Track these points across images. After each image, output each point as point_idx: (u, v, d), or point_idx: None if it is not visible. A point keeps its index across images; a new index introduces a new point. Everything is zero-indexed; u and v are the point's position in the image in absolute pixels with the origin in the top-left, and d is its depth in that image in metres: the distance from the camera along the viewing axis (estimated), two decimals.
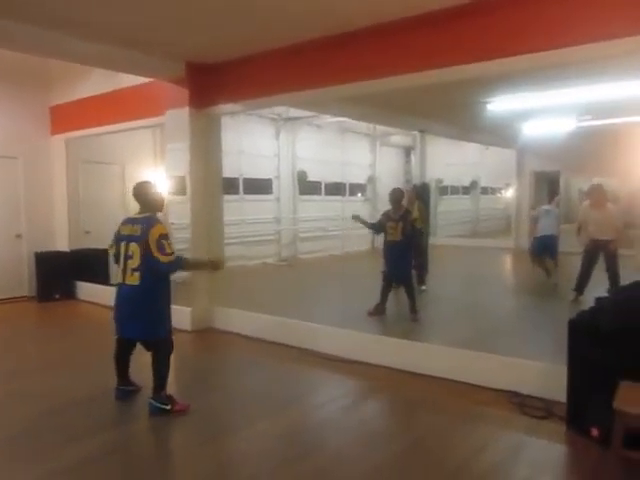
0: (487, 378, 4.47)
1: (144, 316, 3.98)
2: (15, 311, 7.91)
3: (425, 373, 4.78)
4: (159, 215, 4.19)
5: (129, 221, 4.07)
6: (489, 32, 4.32)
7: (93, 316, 7.74)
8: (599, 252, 7.04)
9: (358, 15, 4.77)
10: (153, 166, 9.90)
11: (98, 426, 3.85)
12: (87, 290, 8.57)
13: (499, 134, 12.56)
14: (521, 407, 4.05)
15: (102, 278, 8.69)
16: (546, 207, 9.04)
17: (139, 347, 4.20)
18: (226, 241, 7.20)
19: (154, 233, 3.86)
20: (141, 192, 4.12)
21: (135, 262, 3.91)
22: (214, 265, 4.51)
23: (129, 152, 9.58)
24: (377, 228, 7.04)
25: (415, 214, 7.96)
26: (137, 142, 9.53)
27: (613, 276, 6.93)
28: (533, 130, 10.59)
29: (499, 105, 8.10)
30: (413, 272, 8.04)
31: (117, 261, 4.10)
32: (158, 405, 3.99)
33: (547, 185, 14.06)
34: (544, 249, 8.66)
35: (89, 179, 9.13)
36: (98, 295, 8.32)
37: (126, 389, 4.28)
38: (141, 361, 4.27)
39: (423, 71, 4.67)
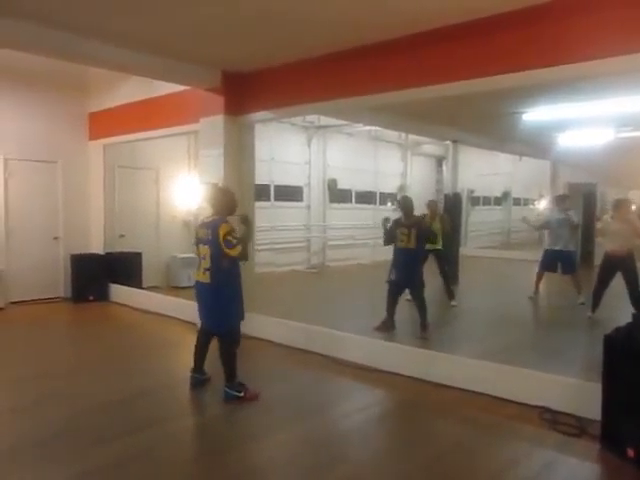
0: (516, 392, 4.39)
1: (213, 310, 4.45)
2: (50, 312, 8.11)
3: (453, 385, 4.72)
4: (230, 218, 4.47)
5: (203, 225, 4.49)
6: (527, 42, 4.28)
7: (126, 318, 7.89)
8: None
9: (392, 26, 4.79)
10: (187, 172, 10.07)
11: (125, 429, 3.90)
12: (120, 292, 8.74)
13: (533, 145, 12.37)
14: (553, 424, 3.96)
15: (135, 281, 8.89)
16: (558, 215, 8.30)
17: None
18: (256, 247, 7.26)
19: (220, 233, 4.24)
20: (212, 196, 4.52)
21: (207, 263, 4.35)
22: (247, 222, 4.59)
23: (164, 158, 9.77)
24: (387, 238, 6.56)
25: (436, 225, 7.89)
26: (171, 148, 9.71)
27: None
28: (569, 141, 10.41)
29: (535, 116, 7.99)
30: (440, 286, 7.98)
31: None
32: (232, 392, 4.36)
33: (582, 196, 13.74)
34: (553, 266, 8.26)
35: (124, 184, 9.34)
36: (131, 298, 8.50)
37: (200, 377, 4.68)
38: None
39: (458, 81, 4.65)
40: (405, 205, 6.55)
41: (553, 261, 8.26)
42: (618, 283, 6.94)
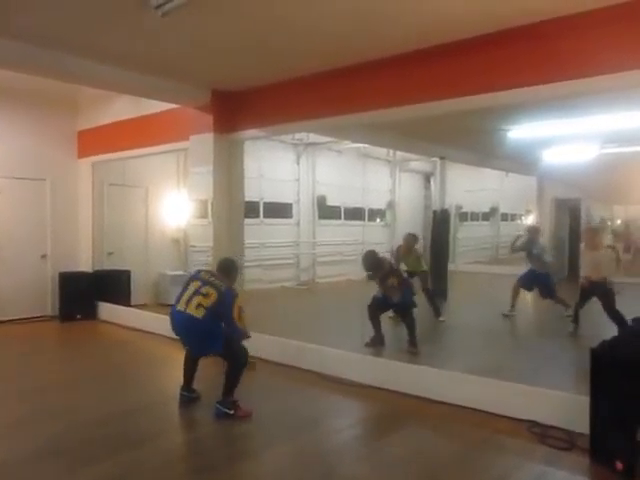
0: (506, 407, 4.41)
1: (208, 338, 4.41)
2: (38, 330, 8.02)
3: (443, 400, 4.73)
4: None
5: (212, 274, 4.63)
6: (512, 62, 4.39)
7: (114, 336, 7.83)
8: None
9: (379, 47, 4.89)
10: (176, 189, 10.08)
11: (117, 446, 3.88)
12: (108, 311, 8.67)
13: (519, 161, 12.54)
14: (542, 437, 3.98)
15: (124, 299, 8.82)
16: (530, 244, 8.26)
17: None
18: (246, 264, 7.25)
19: (238, 302, 4.39)
20: (227, 267, 4.75)
21: (207, 302, 4.33)
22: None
23: (153, 175, 9.78)
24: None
25: (409, 260, 7.86)
26: (161, 166, 9.72)
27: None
28: (554, 157, 10.55)
29: (520, 133, 8.12)
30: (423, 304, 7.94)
31: (184, 288, 4.53)
32: (223, 410, 4.34)
33: (568, 211, 13.87)
34: (531, 286, 8.30)
35: (114, 201, 9.33)
36: (119, 316, 8.44)
37: (189, 395, 4.69)
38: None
39: (445, 99, 4.74)
40: (367, 263, 6.39)
41: (531, 281, 8.28)
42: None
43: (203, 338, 4.43)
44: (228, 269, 4.73)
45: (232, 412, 4.34)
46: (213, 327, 4.37)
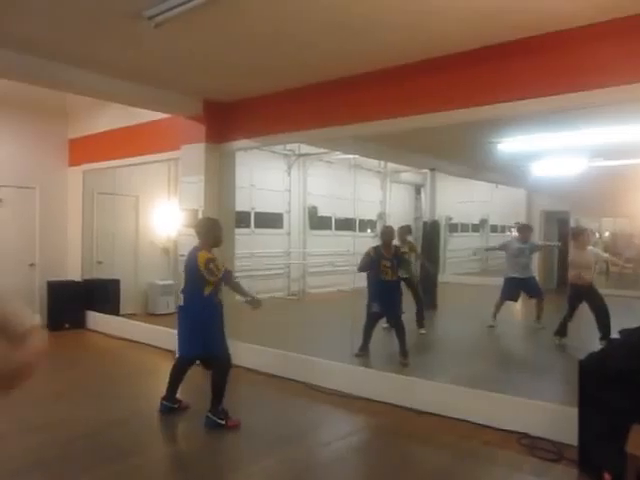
0: (495, 418, 4.42)
1: (193, 334, 4.45)
2: None
3: (432, 411, 4.73)
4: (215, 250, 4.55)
5: (195, 247, 4.56)
6: (503, 76, 4.44)
7: (102, 346, 7.77)
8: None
9: (369, 61, 4.94)
10: (166, 198, 10.06)
11: (104, 458, 3.84)
12: (97, 320, 8.60)
13: (509, 173, 12.62)
14: (531, 449, 3.99)
15: (113, 308, 8.76)
16: (518, 244, 8.26)
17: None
18: (236, 274, 7.23)
19: (200, 261, 4.32)
20: (199, 227, 4.61)
21: (183, 286, 4.54)
22: (256, 302, 4.69)
23: (144, 184, 9.75)
24: (365, 265, 6.46)
25: (404, 248, 7.84)
26: (152, 175, 9.70)
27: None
28: (543, 170, 10.64)
29: (510, 146, 8.19)
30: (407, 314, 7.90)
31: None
32: (214, 419, 4.33)
33: (557, 223, 13.97)
34: (516, 295, 8.21)
35: (104, 210, 9.29)
36: (108, 325, 8.38)
37: (168, 405, 4.66)
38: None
39: (437, 112, 4.77)
40: (387, 235, 6.58)
41: (516, 289, 8.19)
42: (583, 311, 6.93)
43: (192, 329, 4.45)
44: (201, 230, 4.54)
45: (223, 422, 4.32)
46: (197, 313, 4.39)
